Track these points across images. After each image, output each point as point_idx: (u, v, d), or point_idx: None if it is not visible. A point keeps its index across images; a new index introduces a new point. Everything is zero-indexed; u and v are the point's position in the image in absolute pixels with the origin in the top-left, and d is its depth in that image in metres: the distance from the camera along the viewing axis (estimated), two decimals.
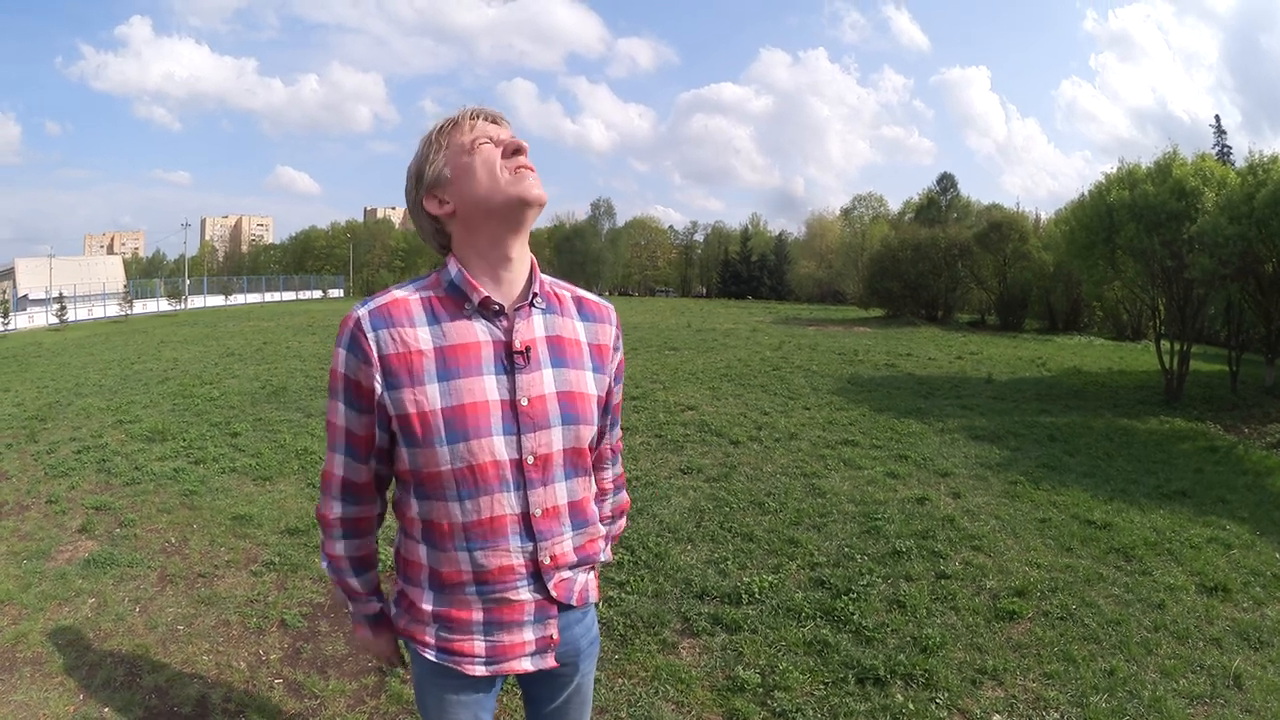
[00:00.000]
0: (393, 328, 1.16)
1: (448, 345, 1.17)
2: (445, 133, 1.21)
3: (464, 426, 1.15)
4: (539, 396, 1.20)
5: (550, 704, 1.43)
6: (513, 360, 1.19)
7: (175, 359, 13.18)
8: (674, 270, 68.85)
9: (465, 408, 1.15)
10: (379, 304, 1.18)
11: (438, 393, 1.15)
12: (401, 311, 1.18)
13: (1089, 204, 12.55)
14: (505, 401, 1.18)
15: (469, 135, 1.20)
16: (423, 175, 1.22)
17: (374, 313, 1.17)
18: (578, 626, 1.36)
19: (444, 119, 1.23)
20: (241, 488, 5.23)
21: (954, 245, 27.85)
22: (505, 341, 1.20)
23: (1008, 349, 17.46)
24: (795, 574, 3.98)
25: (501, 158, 1.19)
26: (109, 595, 3.54)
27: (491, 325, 1.20)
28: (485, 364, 1.18)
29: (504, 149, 1.19)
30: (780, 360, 13.35)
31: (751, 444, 6.88)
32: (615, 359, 1.38)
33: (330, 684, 2.86)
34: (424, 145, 1.23)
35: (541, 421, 1.20)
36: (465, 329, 1.18)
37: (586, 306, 1.34)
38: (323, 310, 30.83)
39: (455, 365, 1.16)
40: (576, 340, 1.29)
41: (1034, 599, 3.75)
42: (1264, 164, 10.30)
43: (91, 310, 33.78)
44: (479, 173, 1.18)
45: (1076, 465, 6.60)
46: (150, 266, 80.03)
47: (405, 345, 1.16)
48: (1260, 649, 3.36)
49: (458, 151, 1.20)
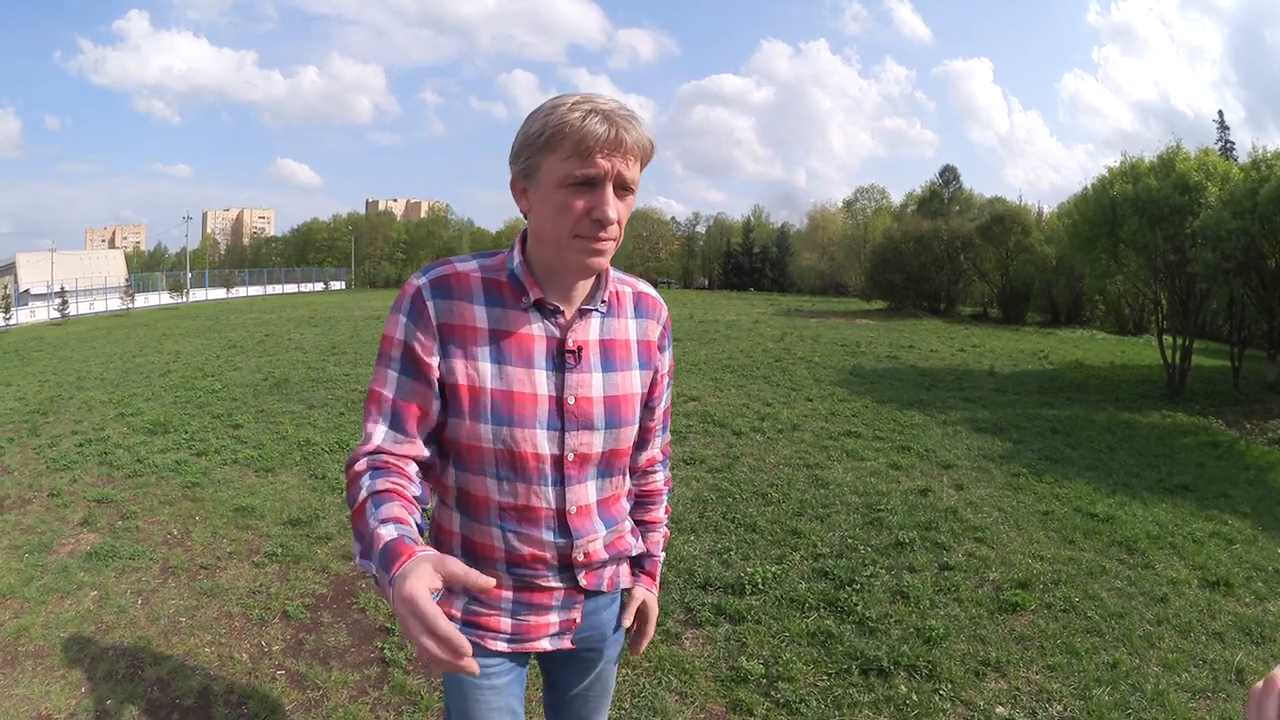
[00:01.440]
0: (452, 299, 1.14)
1: (503, 331, 1.15)
2: (554, 129, 1.05)
3: (510, 411, 1.14)
4: (586, 398, 1.19)
5: (572, 689, 1.41)
6: (564, 358, 1.17)
7: (177, 352, 13.18)
8: (676, 262, 68.67)
9: (514, 395, 1.14)
10: (440, 274, 1.16)
11: (489, 372, 1.14)
12: (462, 285, 1.15)
13: (1092, 197, 12.52)
14: (552, 397, 1.16)
15: (575, 163, 1.05)
16: (519, 154, 1.12)
17: (434, 282, 1.14)
18: (605, 612, 1.35)
19: (570, 110, 1.05)
20: (243, 479, 5.23)
21: (956, 238, 27.80)
22: (559, 339, 1.17)
23: (1010, 342, 17.45)
24: (798, 565, 3.98)
25: (582, 216, 1.08)
26: (111, 588, 3.54)
27: (547, 322, 1.17)
28: (537, 358, 1.16)
29: (590, 211, 1.07)
30: (783, 352, 13.34)
31: (754, 435, 6.87)
32: (663, 357, 1.34)
33: (333, 675, 2.86)
34: (535, 120, 1.09)
35: (585, 422, 1.19)
36: (521, 320, 1.16)
37: (643, 303, 1.30)
38: (324, 302, 30.84)
39: (509, 352, 1.15)
40: (627, 340, 1.26)
41: (1037, 591, 3.75)
42: (1267, 159, 10.26)
43: (93, 304, 33.76)
44: (554, 214, 1.09)
45: (1079, 458, 6.59)
46: (152, 260, 79.83)
47: (463, 319, 1.14)
48: (1262, 643, 3.36)
49: (553, 172, 1.07)
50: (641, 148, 1.09)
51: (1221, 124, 44.51)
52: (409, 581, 0.85)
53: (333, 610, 3.40)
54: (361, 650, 3.07)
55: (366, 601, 3.45)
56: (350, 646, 3.09)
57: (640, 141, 1.08)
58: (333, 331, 16.71)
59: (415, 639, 0.83)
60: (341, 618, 3.33)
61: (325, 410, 7.58)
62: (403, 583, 0.85)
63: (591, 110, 1.05)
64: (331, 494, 4.90)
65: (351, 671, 2.91)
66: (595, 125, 1.04)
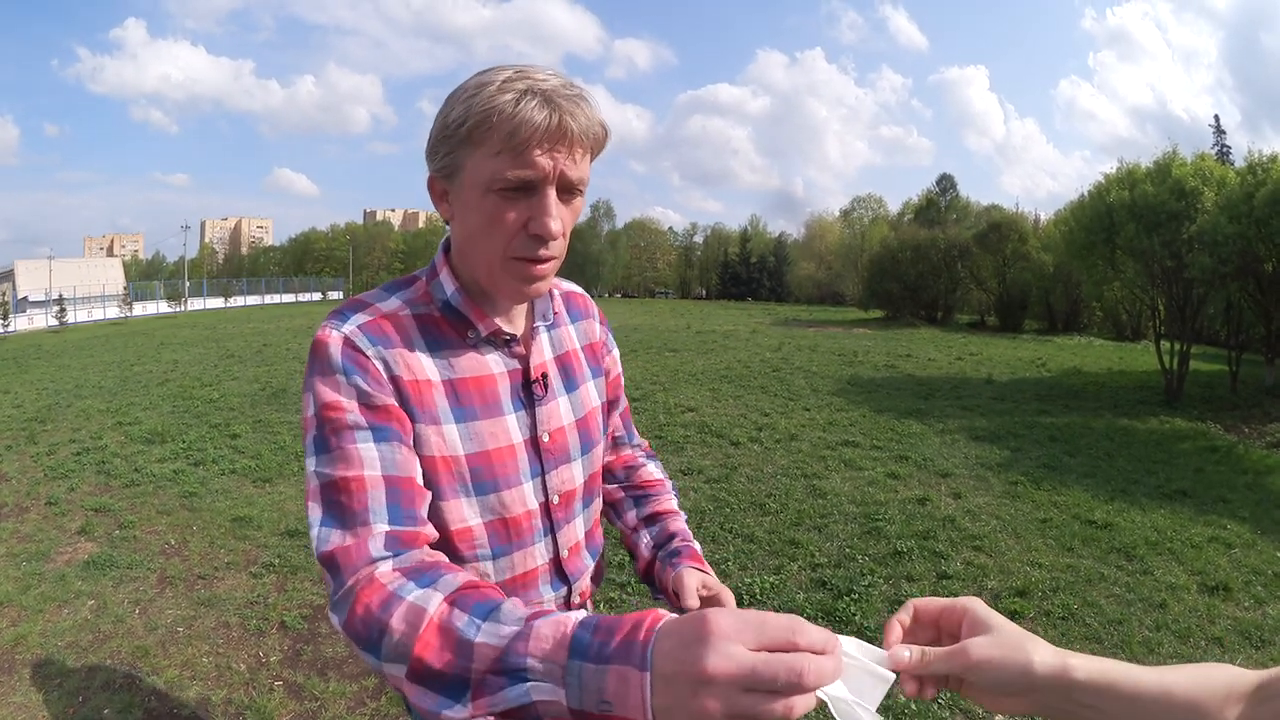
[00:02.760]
0: (392, 348, 0.89)
1: (458, 379, 0.93)
2: (480, 117, 0.82)
3: (493, 476, 0.95)
4: (559, 429, 1.02)
5: None
6: (530, 391, 0.99)
7: (175, 361, 13.17)
8: (673, 272, 68.76)
9: (490, 454, 0.94)
10: (365, 320, 0.90)
11: (457, 435, 0.92)
12: (394, 330, 0.90)
13: (1088, 204, 12.55)
14: (527, 440, 0.99)
15: (507, 160, 0.82)
16: (436, 148, 0.88)
17: (364, 328, 0.88)
18: None
19: (501, 90, 0.81)
20: (241, 489, 5.22)
21: (953, 246, 27.88)
22: (521, 370, 0.99)
23: (1007, 350, 17.46)
24: (796, 575, 3.97)
25: (518, 230, 0.86)
26: (108, 597, 3.54)
27: (502, 355, 0.98)
28: (503, 401, 0.96)
29: (527, 224, 0.86)
30: (780, 361, 13.35)
31: (752, 445, 6.87)
32: (611, 356, 1.19)
33: (330, 686, 2.85)
34: (456, 103, 0.85)
35: (563, 457, 1.03)
36: (474, 360, 0.95)
37: (574, 304, 1.14)
38: (322, 312, 30.82)
39: (471, 404, 0.93)
40: (575, 350, 1.10)
41: (1036, 599, 3.74)
42: (1263, 163, 10.29)
43: (91, 312, 33.75)
44: (482, 227, 0.87)
45: (1077, 465, 6.60)
46: (150, 269, 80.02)
47: (412, 373, 0.89)
48: (1262, 648, 3.36)
49: (478, 172, 0.84)
50: (593, 136, 0.86)
51: (1217, 128, 44.88)
52: (717, 632, 0.55)
53: (330, 621, 3.38)
54: (359, 661, 3.04)
55: None
56: (348, 657, 3.08)
57: (590, 129, 0.85)
58: None
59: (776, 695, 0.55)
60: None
61: None
62: (705, 642, 0.54)
63: (527, 90, 0.81)
64: None
65: (349, 682, 2.90)
66: (532, 111, 0.80)
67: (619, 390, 1.22)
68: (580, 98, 0.84)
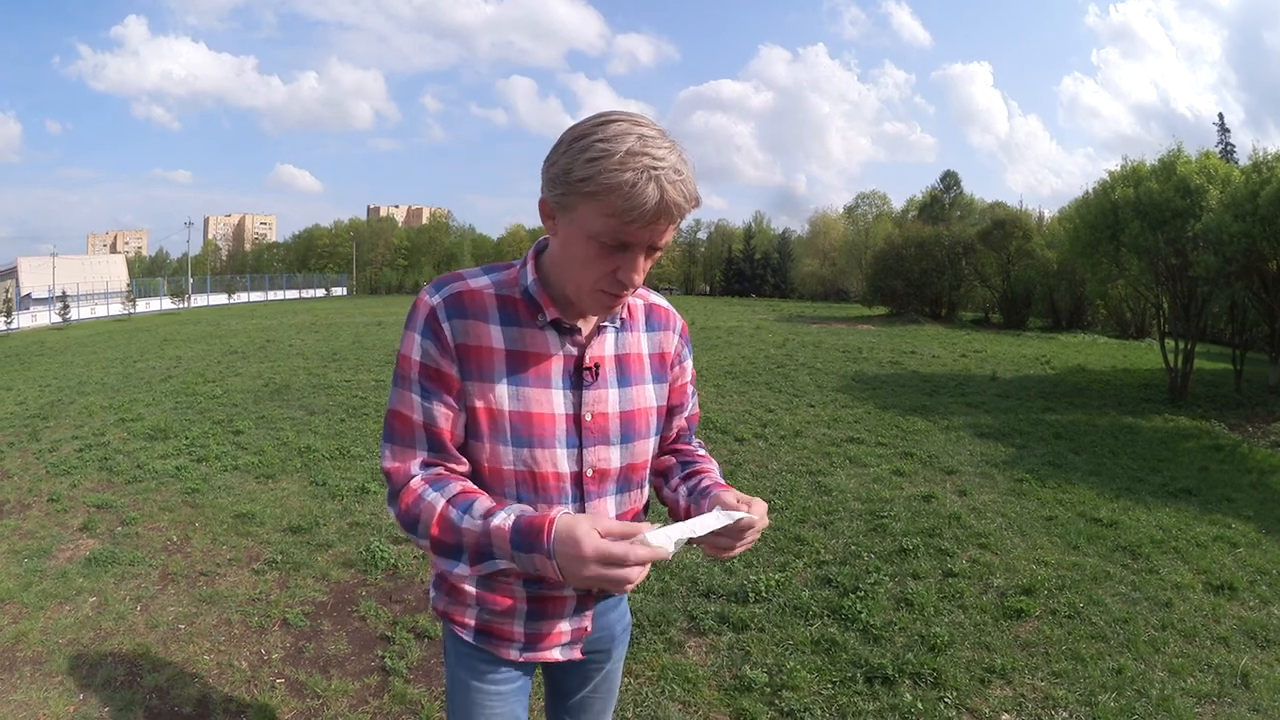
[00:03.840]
0: (467, 319, 1.11)
1: (519, 351, 1.13)
2: (599, 187, 0.96)
3: (529, 433, 1.13)
4: (602, 414, 1.18)
5: (578, 693, 1.41)
6: (581, 376, 1.16)
7: (178, 357, 13.18)
8: (677, 268, 68.73)
9: (532, 416, 1.13)
10: (454, 291, 1.12)
11: (506, 394, 1.12)
12: (476, 303, 1.12)
13: (1093, 201, 12.52)
14: (570, 415, 1.16)
15: (614, 224, 0.98)
16: (556, 182, 1.02)
17: (449, 300, 1.11)
18: (613, 613, 1.36)
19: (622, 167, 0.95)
20: (244, 486, 5.21)
21: (958, 243, 27.85)
22: (576, 357, 1.16)
23: (1012, 347, 17.42)
24: (802, 572, 3.95)
25: (608, 273, 1.04)
26: (110, 594, 3.53)
27: (564, 340, 1.16)
28: (554, 377, 1.15)
29: (616, 272, 1.03)
30: (784, 358, 13.33)
31: (757, 441, 6.85)
32: (680, 367, 1.32)
33: (333, 684, 2.84)
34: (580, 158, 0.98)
35: (602, 438, 1.18)
36: (537, 339, 1.14)
37: (655, 315, 1.28)
38: (326, 309, 30.87)
39: (525, 373, 1.13)
40: (640, 354, 1.25)
41: (1041, 597, 3.72)
42: (1268, 161, 10.25)
43: (95, 309, 33.84)
44: (580, 262, 1.04)
45: (1082, 463, 6.57)
46: (153, 265, 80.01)
47: (479, 339, 1.11)
48: (1267, 647, 3.34)
49: (588, 221, 1.00)
50: (684, 212, 1.00)
51: (1222, 126, 44.73)
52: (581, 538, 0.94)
53: (333, 618, 3.38)
54: (361, 659, 3.05)
55: (367, 610, 3.43)
56: (350, 655, 3.07)
57: (685, 208, 1.00)
58: (334, 338, 16.72)
59: (619, 580, 0.94)
60: (341, 626, 3.31)
61: (326, 417, 7.57)
62: (576, 544, 0.94)
63: (645, 171, 0.94)
64: (332, 501, 4.88)
65: (351, 680, 2.89)
66: (647, 194, 0.95)
67: (683, 397, 1.35)
68: (685, 179, 0.99)
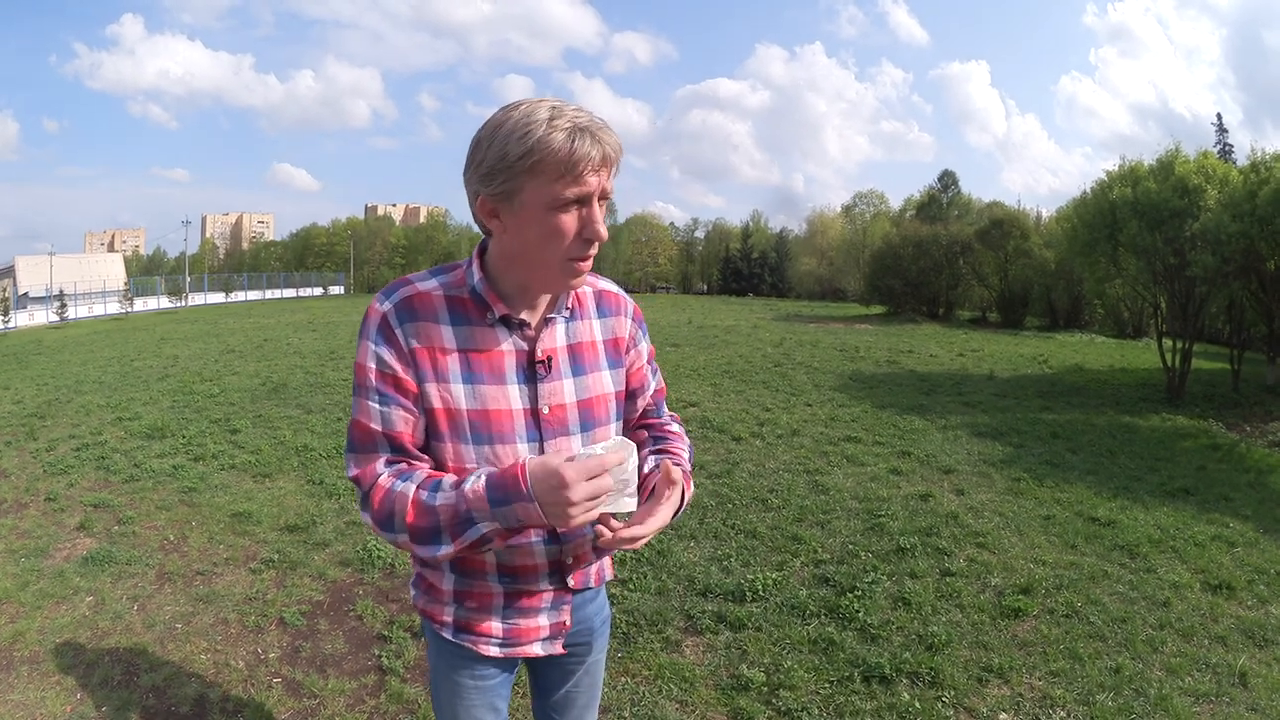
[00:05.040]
0: (419, 321, 1.14)
1: (471, 350, 1.15)
2: (541, 154, 1.02)
3: (489, 430, 1.15)
4: (559, 405, 1.20)
5: (561, 688, 1.42)
6: (534, 369, 1.18)
7: (175, 356, 13.16)
8: (675, 267, 68.57)
9: (490, 413, 1.15)
10: (403, 296, 1.15)
11: (463, 393, 1.14)
12: (426, 306, 1.15)
13: (1091, 201, 12.51)
14: (527, 410, 1.17)
15: (566, 184, 1.03)
16: (492, 176, 1.06)
17: (399, 305, 1.14)
18: (590, 606, 1.37)
19: (551, 129, 1.01)
20: (241, 485, 5.20)
21: (955, 242, 27.84)
22: (528, 351, 1.18)
23: (1009, 346, 17.44)
24: (799, 571, 3.95)
25: (574, 237, 1.08)
26: (107, 593, 3.52)
27: (514, 335, 1.18)
28: (508, 373, 1.17)
29: (583, 230, 1.08)
30: (782, 357, 13.33)
31: (754, 440, 6.85)
32: (636, 350, 1.33)
33: (329, 683, 2.84)
34: (511, 140, 1.03)
35: (561, 429, 1.20)
36: (488, 336, 1.16)
37: (605, 301, 1.30)
38: (323, 307, 30.83)
39: (480, 370, 1.15)
40: (593, 342, 1.26)
41: (1039, 596, 3.72)
42: (1266, 162, 10.25)
43: (92, 308, 33.77)
44: (543, 239, 1.08)
45: (1079, 462, 6.58)
46: (151, 264, 79.75)
47: (431, 341, 1.13)
48: (1265, 646, 3.34)
49: (539, 195, 1.04)
50: (618, 155, 1.08)
51: (1220, 126, 44.60)
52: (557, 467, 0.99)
53: (330, 617, 3.37)
54: (358, 658, 3.04)
55: (364, 609, 3.42)
56: (347, 654, 3.07)
57: (617, 149, 1.08)
58: (331, 336, 16.70)
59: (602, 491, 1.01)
60: (339, 625, 3.30)
61: (323, 415, 7.56)
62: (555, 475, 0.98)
63: (573, 129, 1.02)
64: (329, 499, 4.87)
65: (348, 679, 2.88)
66: (585, 147, 1.02)
67: (642, 379, 1.36)
68: (606, 126, 1.06)
